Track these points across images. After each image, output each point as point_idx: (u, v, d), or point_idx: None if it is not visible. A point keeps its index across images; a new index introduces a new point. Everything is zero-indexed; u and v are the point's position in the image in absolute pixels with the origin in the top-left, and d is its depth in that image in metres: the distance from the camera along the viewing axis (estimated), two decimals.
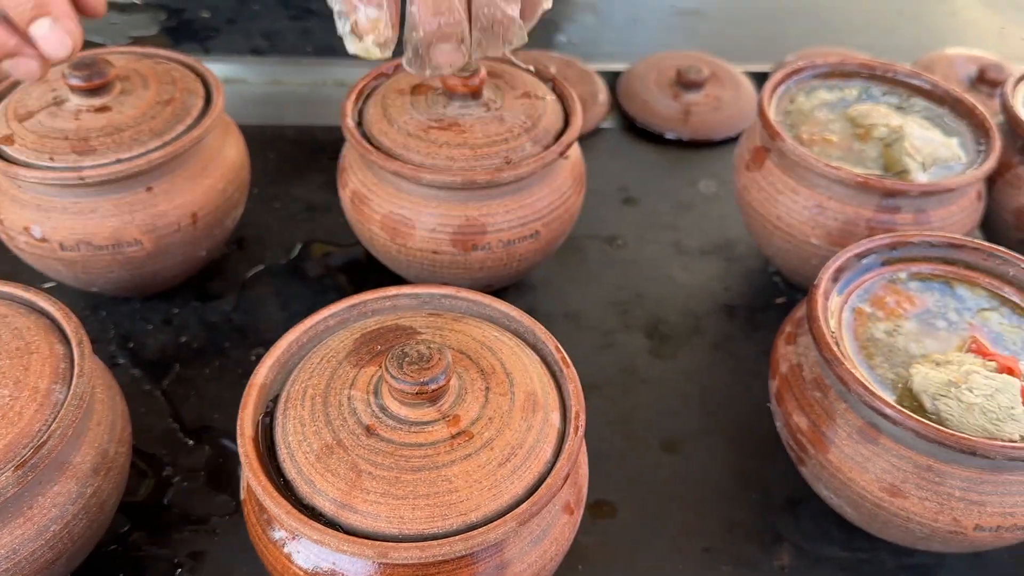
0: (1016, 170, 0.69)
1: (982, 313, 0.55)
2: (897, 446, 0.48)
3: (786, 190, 0.65)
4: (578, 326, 0.70)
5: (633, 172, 0.87)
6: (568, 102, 0.67)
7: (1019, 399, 0.47)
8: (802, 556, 0.56)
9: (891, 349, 0.52)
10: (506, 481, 0.42)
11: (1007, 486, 0.47)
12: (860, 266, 0.56)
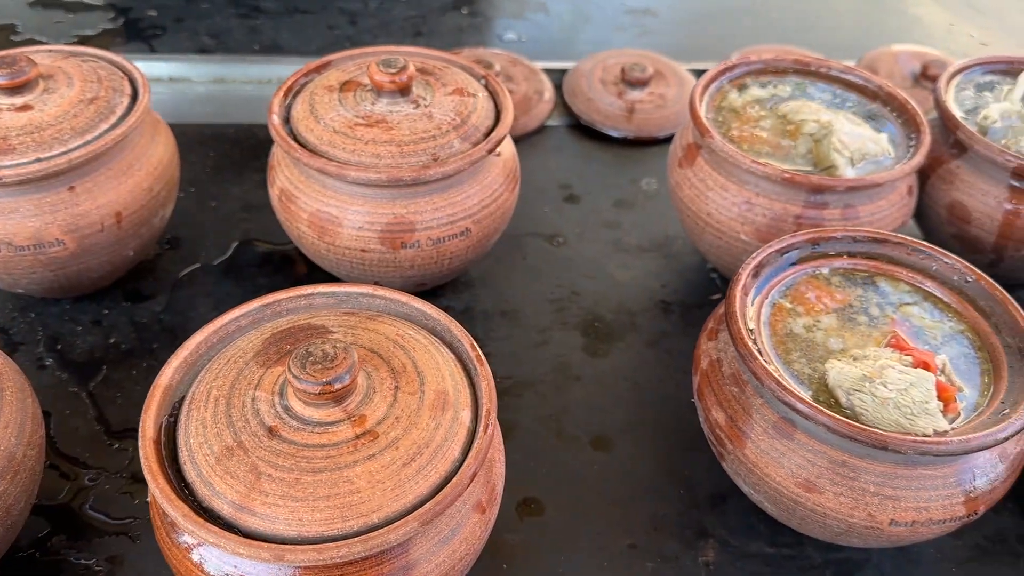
0: (948, 165, 0.69)
1: (904, 308, 0.55)
2: (811, 441, 0.48)
3: (716, 187, 0.65)
4: (515, 324, 0.70)
5: (576, 170, 0.86)
6: (500, 99, 0.66)
7: (934, 393, 0.48)
8: (727, 552, 0.56)
9: (809, 344, 0.52)
10: (410, 481, 0.41)
11: (921, 480, 0.47)
12: (781, 261, 0.56)
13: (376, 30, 1.09)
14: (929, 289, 0.56)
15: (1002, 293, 0.53)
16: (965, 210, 0.68)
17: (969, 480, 0.47)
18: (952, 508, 0.47)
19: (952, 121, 0.68)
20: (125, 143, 0.63)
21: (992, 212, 0.67)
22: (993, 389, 0.50)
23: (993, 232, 0.67)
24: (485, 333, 0.69)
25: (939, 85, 0.71)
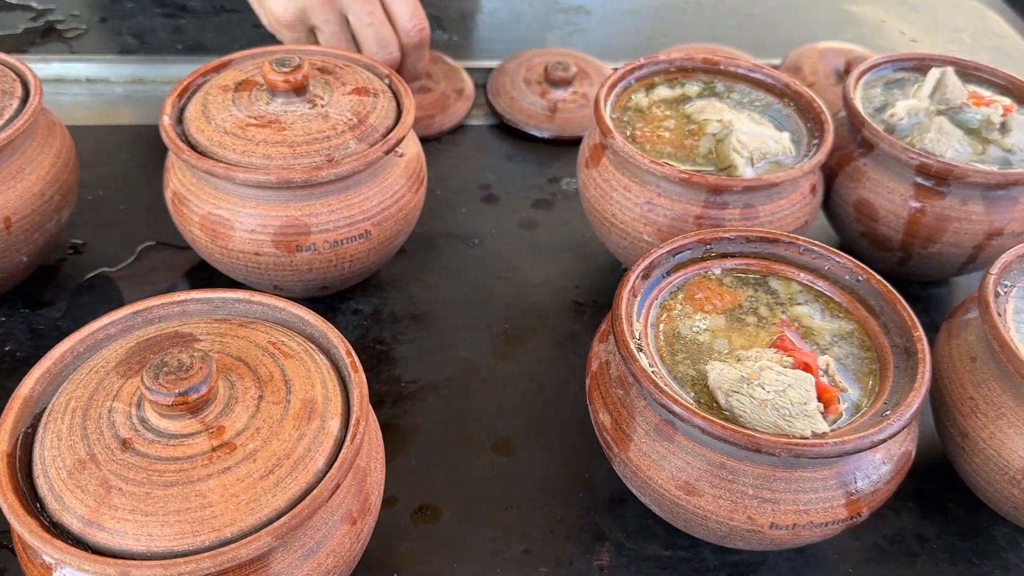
0: (856, 163, 0.69)
1: (794, 308, 0.55)
2: (691, 444, 0.47)
3: (619, 187, 0.64)
4: (424, 326, 0.69)
5: (497, 170, 0.86)
6: (402, 99, 0.65)
7: (813, 395, 0.47)
8: (623, 555, 0.56)
9: (695, 346, 0.52)
10: (267, 494, 0.40)
11: (800, 483, 0.46)
12: (673, 262, 0.55)
13: None
14: (821, 289, 0.56)
15: (891, 292, 0.53)
16: (872, 208, 0.68)
17: (850, 482, 0.47)
18: (833, 511, 0.47)
19: (858, 118, 0.68)
20: (13, 147, 0.61)
21: (898, 210, 0.67)
22: (878, 390, 0.50)
23: (900, 230, 0.67)
24: (393, 336, 0.68)
25: (848, 82, 0.71)
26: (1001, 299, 0.55)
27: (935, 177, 0.64)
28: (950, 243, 0.66)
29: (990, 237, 0.65)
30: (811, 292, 0.56)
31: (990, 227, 0.65)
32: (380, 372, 0.65)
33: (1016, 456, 0.51)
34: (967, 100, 0.69)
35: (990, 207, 0.65)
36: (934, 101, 0.70)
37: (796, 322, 0.54)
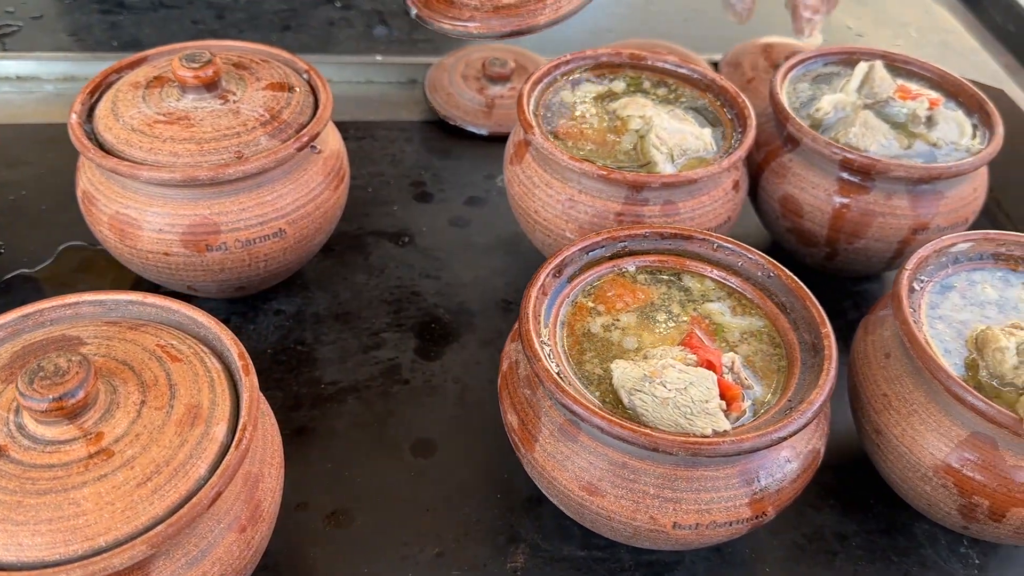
0: (782, 159, 0.68)
1: (705, 305, 0.54)
2: (594, 443, 0.47)
3: (542, 184, 0.64)
4: (347, 326, 0.68)
5: (431, 167, 0.85)
6: (319, 94, 0.64)
7: (715, 393, 0.47)
8: (538, 556, 0.55)
9: (605, 344, 0.51)
10: (144, 502, 0.39)
11: (702, 482, 0.46)
12: (586, 260, 0.55)
13: (243, 24, 1.06)
14: (734, 286, 0.55)
15: (801, 289, 0.52)
16: (797, 204, 0.67)
17: (754, 481, 0.46)
18: (736, 510, 0.46)
19: (783, 113, 0.67)
20: None
21: (822, 205, 0.66)
22: (784, 387, 0.49)
23: (825, 225, 0.67)
24: (315, 337, 0.67)
25: (775, 77, 0.70)
26: (916, 295, 0.54)
27: (858, 172, 0.64)
28: (875, 238, 0.66)
29: (916, 232, 0.65)
30: (724, 289, 0.55)
31: (916, 222, 0.65)
32: (300, 374, 0.64)
33: (927, 453, 0.50)
34: (894, 94, 0.69)
35: (915, 202, 0.65)
36: (862, 95, 0.70)
37: (707, 319, 0.53)
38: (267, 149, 0.59)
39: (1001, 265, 0.57)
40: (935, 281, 0.56)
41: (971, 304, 0.55)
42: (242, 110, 0.60)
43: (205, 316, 0.48)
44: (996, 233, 0.57)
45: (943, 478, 0.50)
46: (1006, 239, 0.57)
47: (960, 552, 0.57)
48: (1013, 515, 0.49)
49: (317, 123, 0.61)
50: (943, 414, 0.50)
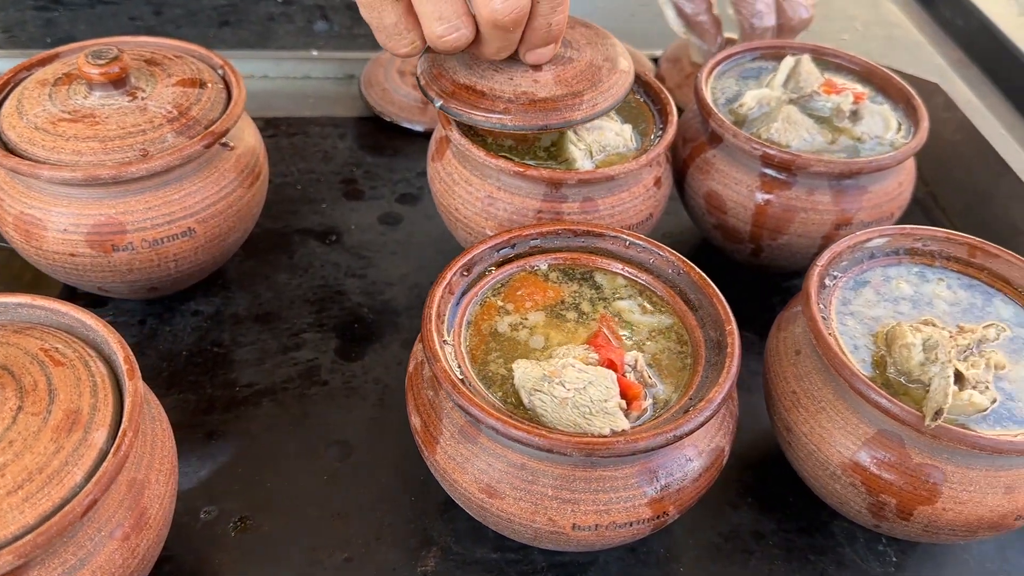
0: (706, 155, 0.68)
1: (616, 303, 0.53)
2: (493, 445, 0.46)
3: (461, 181, 0.63)
4: (267, 327, 0.67)
5: (364, 163, 0.83)
6: (232, 90, 0.63)
7: (614, 392, 0.46)
8: (449, 560, 0.54)
9: (511, 343, 0.50)
10: (15, 510, 0.38)
11: (600, 483, 0.45)
12: (496, 258, 0.54)
13: (181, 20, 1.04)
14: (645, 283, 0.54)
15: (709, 286, 0.52)
16: (721, 200, 0.67)
17: (653, 481, 0.46)
18: (636, 510, 0.46)
19: (706, 109, 0.66)
20: None
21: (745, 201, 0.66)
22: (687, 385, 0.49)
23: (748, 222, 0.66)
24: (233, 338, 0.66)
25: (701, 72, 0.70)
26: (828, 291, 0.54)
27: (779, 168, 0.64)
28: (798, 234, 0.65)
29: (839, 227, 0.65)
30: (635, 286, 0.54)
31: (839, 217, 0.65)
32: (215, 376, 0.63)
33: (835, 451, 0.50)
34: (819, 88, 0.69)
35: (837, 197, 0.64)
36: (788, 90, 0.69)
37: (617, 317, 0.52)
38: (173, 146, 0.57)
39: (918, 260, 0.57)
40: (849, 277, 0.55)
41: (885, 300, 0.54)
42: (149, 107, 0.59)
43: (93, 318, 0.46)
44: (913, 228, 0.57)
45: (851, 476, 0.49)
46: (923, 234, 0.57)
47: (878, 550, 0.57)
48: (920, 513, 0.48)
49: (227, 119, 0.60)
50: (850, 412, 0.49)
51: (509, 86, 0.58)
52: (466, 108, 0.58)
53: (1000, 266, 0.56)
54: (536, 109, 0.57)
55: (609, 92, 0.59)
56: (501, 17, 0.51)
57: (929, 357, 0.49)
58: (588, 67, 0.60)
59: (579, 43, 0.62)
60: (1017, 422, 0.48)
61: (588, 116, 0.58)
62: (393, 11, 0.52)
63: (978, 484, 0.47)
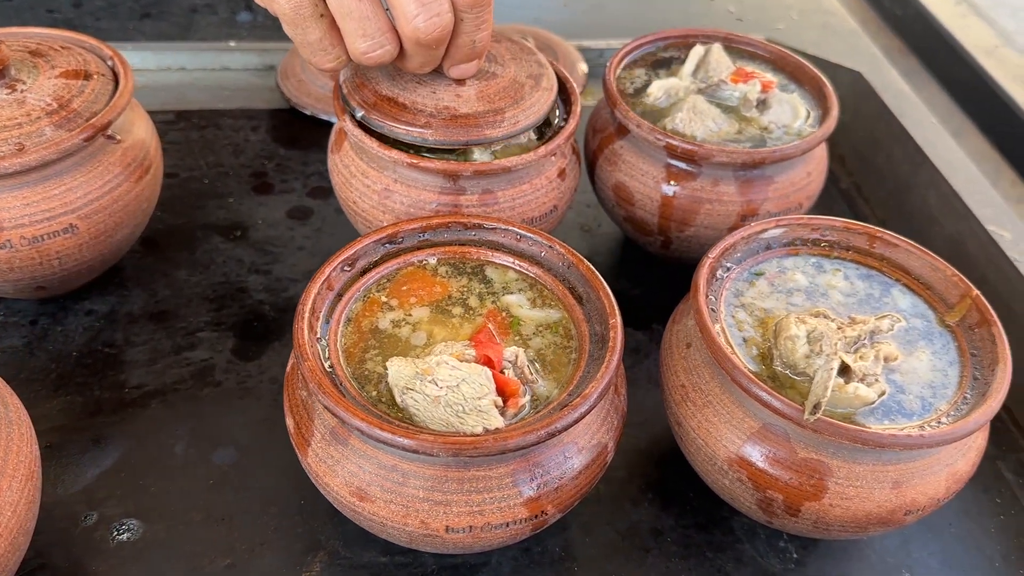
0: (614, 146, 0.67)
1: (505, 298, 0.52)
2: (363, 447, 0.44)
3: (358, 173, 0.61)
4: (162, 326, 0.65)
5: (276, 156, 0.81)
6: (120, 81, 0.61)
7: (488, 389, 0.44)
8: (336, 564, 0.52)
9: (392, 340, 0.49)
10: None
11: (473, 483, 0.44)
12: (381, 252, 0.52)
13: (101, 12, 1.02)
14: (535, 277, 0.53)
15: (596, 279, 0.50)
16: (628, 192, 0.66)
17: (528, 480, 0.44)
18: (511, 510, 0.44)
19: (612, 99, 0.65)
20: None
21: (651, 193, 0.65)
22: (569, 380, 0.47)
23: (655, 213, 0.65)
24: (126, 338, 0.64)
25: (609, 63, 0.68)
26: (719, 282, 0.53)
27: (683, 158, 0.62)
28: (705, 225, 0.64)
29: (744, 218, 0.64)
30: (526, 280, 0.53)
31: (744, 207, 0.64)
32: (104, 378, 0.61)
33: (721, 446, 0.49)
34: (727, 77, 0.68)
35: (743, 187, 0.63)
36: (697, 79, 0.68)
37: (505, 312, 0.51)
38: (51, 140, 0.55)
39: (815, 251, 0.56)
40: (744, 268, 0.54)
41: (778, 292, 0.53)
42: (28, 99, 0.56)
43: None
44: (810, 218, 0.56)
45: (738, 472, 0.48)
46: (820, 224, 0.56)
47: (779, 547, 0.56)
48: (808, 509, 0.47)
49: (110, 111, 0.58)
50: (736, 406, 0.48)
51: (431, 100, 0.57)
52: (388, 120, 0.57)
53: (899, 255, 0.55)
54: (457, 125, 0.56)
55: (531, 110, 0.58)
56: (423, 36, 0.51)
57: (814, 349, 0.48)
58: (511, 84, 0.59)
59: (504, 58, 0.61)
60: (906, 415, 0.47)
61: (509, 133, 0.57)
62: (317, 28, 0.52)
63: (865, 479, 0.46)
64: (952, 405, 0.48)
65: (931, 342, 0.51)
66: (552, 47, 0.94)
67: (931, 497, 0.47)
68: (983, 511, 0.59)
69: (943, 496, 0.48)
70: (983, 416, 0.46)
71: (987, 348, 0.50)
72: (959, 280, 0.52)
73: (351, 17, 0.50)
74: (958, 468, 0.48)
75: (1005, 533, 0.58)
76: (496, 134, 0.57)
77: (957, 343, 0.51)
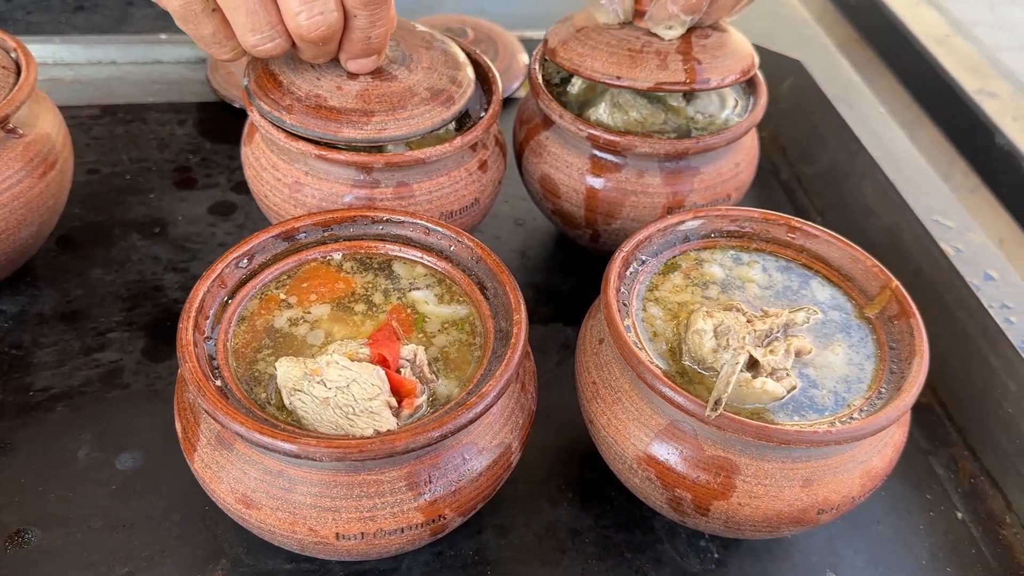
0: (539, 137, 0.65)
1: (412, 294, 0.50)
2: (249, 451, 0.42)
3: (269, 166, 0.59)
4: (73, 327, 0.63)
5: (202, 150, 0.79)
6: (23, 73, 0.58)
7: (380, 390, 0.43)
8: (239, 571, 0.50)
9: (288, 340, 0.47)
10: None
11: (363, 488, 0.42)
12: (283, 247, 0.50)
13: (32, 6, 0.99)
14: (444, 272, 0.51)
15: (503, 274, 0.49)
16: (554, 184, 0.64)
17: (423, 483, 0.43)
18: (405, 515, 0.43)
19: (536, 88, 0.64)
20: None
21: (576, 185, 0.63)
22: (470, 379, 0.46)
23: (581, 206, 0.64)
24: (34, 340, 0.61)
25: (536, 52, 0.67)
26: (632, 276, 0.51)
27: (606, 149, 0.61)
28: (631, 218, 0.63)
29: (671, 210, 0.62)
30: (434, 276, 0.51)
31: (670, 199, 0.62)
32: (9, 380, 0.59)
33: (630, 444, 0.47)
34: None
35: (668, 179, 0.62)
36: None
37: (410, 308, 0.49)
38: None
39: (733, 243, 0.55)
40: (659, 261, 0.53)
41: (693, 285, 0.52)
42: None
43: None
44: (728, 209, 0.55)
45: (647, 470, 0.47)
46: (739, 215, 0.55)
47: (700, 546, 0.54)
48: (717, 509, 0.46)
49: (7, 104, 0.56)
50: (644, 403, 0.47)
51: (308, 85, 0.55)
52: (260, 95, 0.56)
53: (819, 246, 0.53)
54: (318, 116, 0.55)
55: (407, 122, 0.55)
56: (306, 33, 0.50)
57: (721, 344, 0.46)
58: (404, 91, 0.56)
59: (420, 64, 0.59)
60: (818, 411, 0.46)
61: (368, 138, 0.54)
62: (209, 23, 0.50)
63: (774, 477, 0.45)
64: (866, 400, 0.46)
65: (849, 335, 0.50)
66: (493, 38, 0.92)
67: (845, 496, 0.46)
68: (912, 508, 0.58)
69: (858, 494, 0.46)
70: (895, 411, 0.44)
71: (906, 341, 0.48)
72: (879, 271, 0.51)
73: (239, 12, 0.49)
74: (873, 465, 0.46)
75: (934, 530, 0.57)
76: (354, 135, 0.54)
77: (876, 336, 0.50)
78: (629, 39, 0.60)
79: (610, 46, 0.59)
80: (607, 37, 0.60)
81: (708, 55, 0.59)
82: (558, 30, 0.63)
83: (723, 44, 0.61)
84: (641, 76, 0.58)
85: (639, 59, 0.58)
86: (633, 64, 0.58)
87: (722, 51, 0.60)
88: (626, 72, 0.58)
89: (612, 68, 0.58)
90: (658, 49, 0.59)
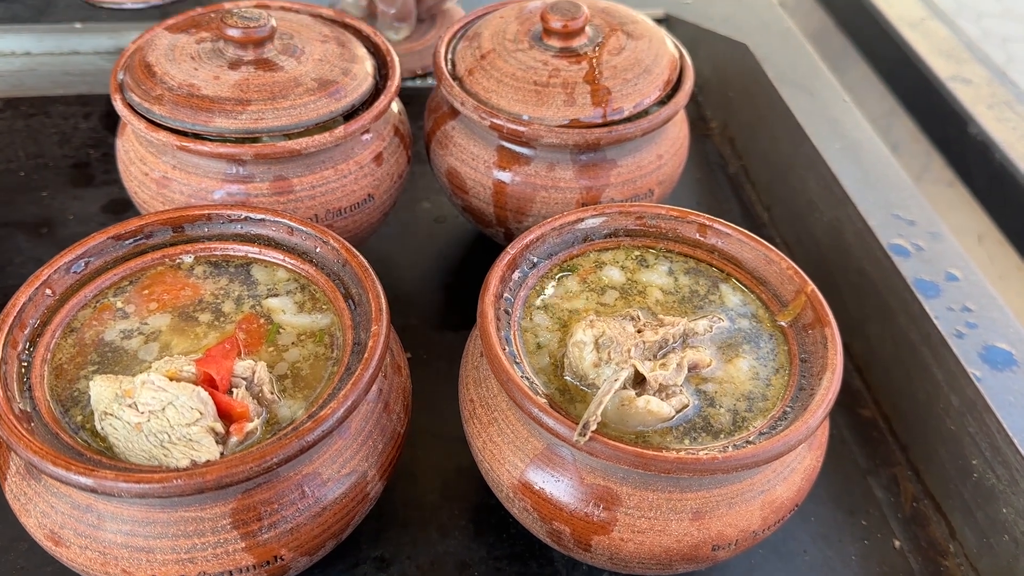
0: (445, 127, 0.59)
1: (268, 301, 0.45)
2: (56, 482, 0.37)
3: (137, 160, 0.54)
4: None
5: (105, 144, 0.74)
6: None
7: (201, 414, 0.37)
8: None
9: (117, 354, 0.42)
10: None
11: (182, 526, 0.37)
12: (124, 250, 0.45)
13: None
14: (308, 277, 0.46)
15: (370, 279, 0.44)
16: (460, 178, 0.59)
17: (251, 521, 0.38)
18: (231, 556, 0.37)
19: (438, 73, 0.58)
20: None
21: (483, 179, 0.58)
22: (318, 399, 0.40)
23: (489, 202, 0.58)
24: None
25: (442, 35, 0.61)
26: (518, 281, 0.46)
27: (512, 140, 0.56)
28: (543, 215, 0.57)
29: (585, 206, 0.57)
30: (297, 281, 0.46)
31: (584, 194, 0.57)
32: None
33: (505, 470, 0.42)
34: None
35: (582, 172, 0.56)
36: None
37: (264, 318, 0.44)
38: None
39: (639, 243, 0.49)
40: (554, 263, 0.47)
41: (589, 290, 0.46)
42: None
43: None
44: (634, 206, 0.49)
45: (523, 499, 0.42)
46: (647, 212, 0.49)
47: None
48: (599, 544, 0.40)
49: None
50: (521, 424, 0.42)
51: (183, 75, 0.51)
52: (131, 86, 0.52)
53: (732, 246, 0.48)
54: (188, 105, 0.50)
55: (287, 112, 0.51)
56: None
57: (603, 357, 0.41)
58: (288, 80, 0.52)
59: (311, 56, 0.54)
60: (713, 433, 0.40)
61: (242, 129, 0.50)
62: None
63: (659, 509, 0.39)
64: (769, 421, 0.41)
65: (757, 346, 0.44)
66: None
67: (742, 530, 0.40)
68: (844, 535, 0.52)
69: (759, 527, 0.41)
70: (797, 434, 0.39)
71: (819, 353, 0.43)
72: (794, 273, 0.46)
73: None
74: (777, 495, 0.41)
75: (868, 560, 0.51)
76: (226, 125, 0.50)
77: (787, 347, 0.44)
78: (536, 67, 0.56)
79: (515, 79, 0.55)
80: (512, 66, 0.56)
81: (619, 80, 0.55)
82: (464, 53, 0.58)
83: (636, 61, 0.56)
84: (549, 114, 0.54)
85: (545, 94, 0.55)
86: (539, 101, 0.54)
87: (634, 70, 0.56)
88: (533, 111, 0.54)
89: (518, 106, 0.54)
90: (565, 80, 0.55)
